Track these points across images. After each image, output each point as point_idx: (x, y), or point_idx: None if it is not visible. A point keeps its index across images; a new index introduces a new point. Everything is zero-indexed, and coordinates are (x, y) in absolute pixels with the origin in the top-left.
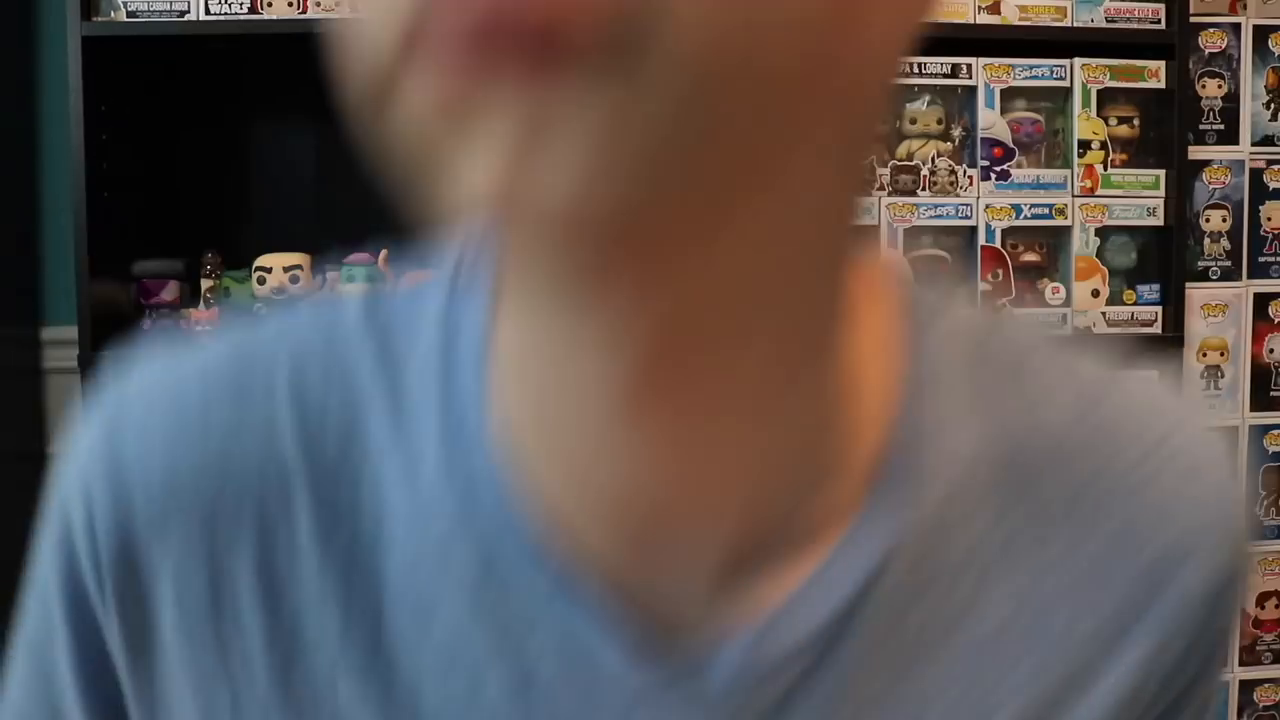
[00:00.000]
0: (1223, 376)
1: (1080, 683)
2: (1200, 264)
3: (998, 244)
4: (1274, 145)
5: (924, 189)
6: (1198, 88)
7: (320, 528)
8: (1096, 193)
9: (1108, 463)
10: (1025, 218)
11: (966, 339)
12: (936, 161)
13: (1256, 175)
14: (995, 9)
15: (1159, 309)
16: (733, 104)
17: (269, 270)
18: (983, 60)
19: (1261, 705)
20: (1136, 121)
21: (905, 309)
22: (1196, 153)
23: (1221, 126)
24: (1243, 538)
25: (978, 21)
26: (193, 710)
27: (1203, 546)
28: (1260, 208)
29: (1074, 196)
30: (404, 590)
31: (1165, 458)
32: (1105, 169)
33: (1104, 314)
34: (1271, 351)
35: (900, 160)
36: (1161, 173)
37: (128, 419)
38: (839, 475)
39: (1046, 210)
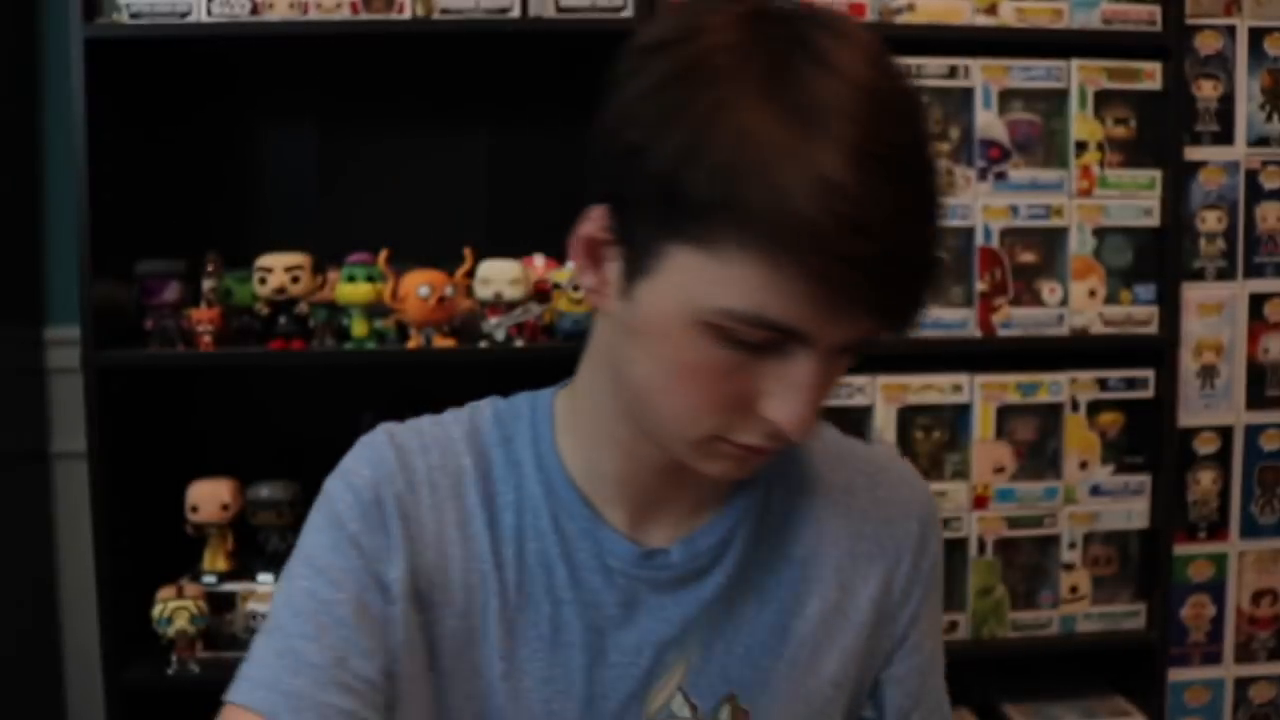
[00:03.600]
0: (1218, 376)
1: (853, 585)
2: (1196, 264)
3: (995, 244)
4: (1269, 146)
5: None
6: (1193, 89)
7: (483, 501)
8: (1093, 193)
9: (854, 476)
10: (1022, 218)
11: None
12: None
13: (1252, 176)
14: (992, 11)
15: (1155, 309)
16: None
17: (269, 270)
18: (980, 61)
19: (1256, 703)
20: (1133, 122)
21: None
22: (1192, 153)
23: (1217, 128)
24: (932, 502)
25: (975, 23)
26: (444, 580)
27: (911, 513)
28: (1255, 208)
29: (1071, 197)
30: (511, 529)
31: (885, 470)
32: (1102, 170)
33: (1100, 314)
34: (1267, 351)
35: None
36: (1158, 173)
37: (403, 442)
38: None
39: (1043, 211)
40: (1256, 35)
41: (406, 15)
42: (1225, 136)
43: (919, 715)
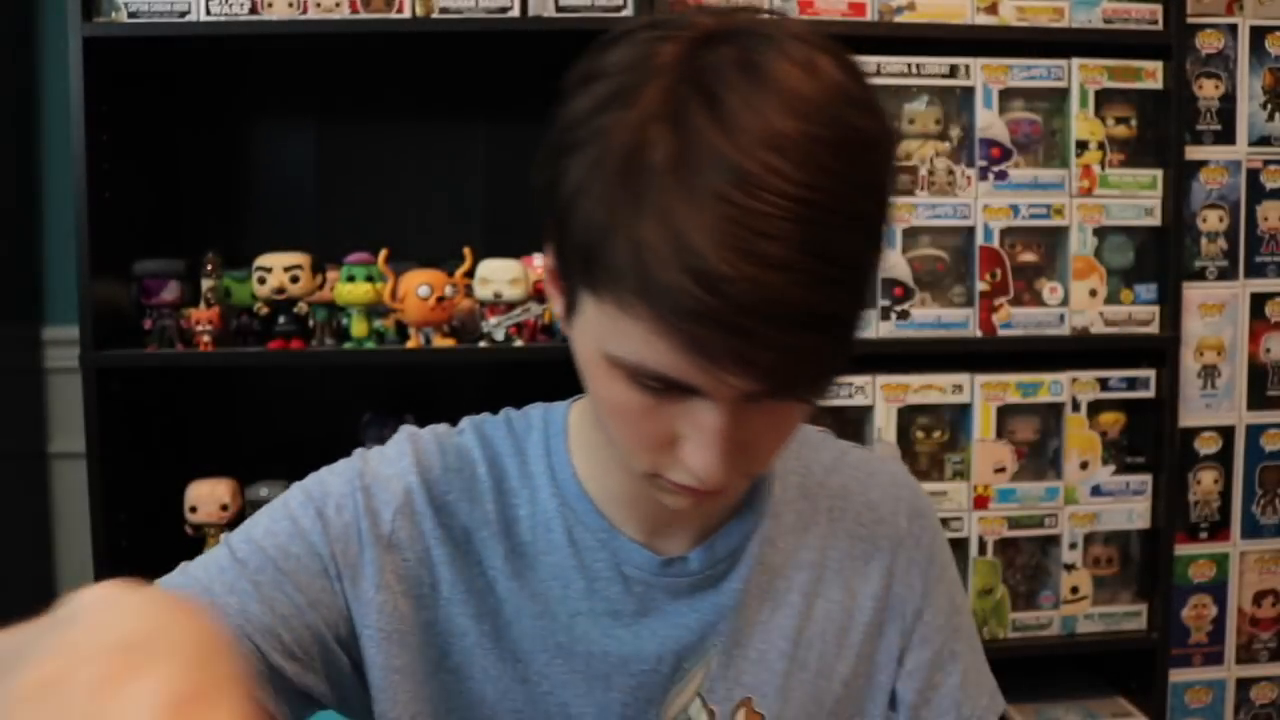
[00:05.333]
0: (1219, 376)
1: (856, 586)
2: (1197, 264)
3: (996, 244)
4: (1271, 145)
5: (922, 189)
6: (1195, 88)
7: (497, 511)
8: (1094, 193)
9: (849, 481)
10: (1023, 218)
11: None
12: (935, 161)
13: (1253, 175)
14: (993, 10)
15: (1156, 308)
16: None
17: (269, 270)
18: (981, 61)
19: (1258, 704)
20: (1134, 122)
21: None
22: (1193, 153)
23: (1218, 127)
24: (920, 498)
25: (975, 22)
26: (453, 580)
27: (900, 509)
28: (1257, 207)
29: (1072, 196)
30: (527, 544)
31: (875, 473)
32: (1103, 169)
33: (1101, 313)
34: (1268, 351)
35: (898, 160)
36: (1159, 173)
37: (424, 449)
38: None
39: (1044, 210)
40: (1258, 34)
41: (405, 14)
42: (1226, 136)
43: (929, 712)
